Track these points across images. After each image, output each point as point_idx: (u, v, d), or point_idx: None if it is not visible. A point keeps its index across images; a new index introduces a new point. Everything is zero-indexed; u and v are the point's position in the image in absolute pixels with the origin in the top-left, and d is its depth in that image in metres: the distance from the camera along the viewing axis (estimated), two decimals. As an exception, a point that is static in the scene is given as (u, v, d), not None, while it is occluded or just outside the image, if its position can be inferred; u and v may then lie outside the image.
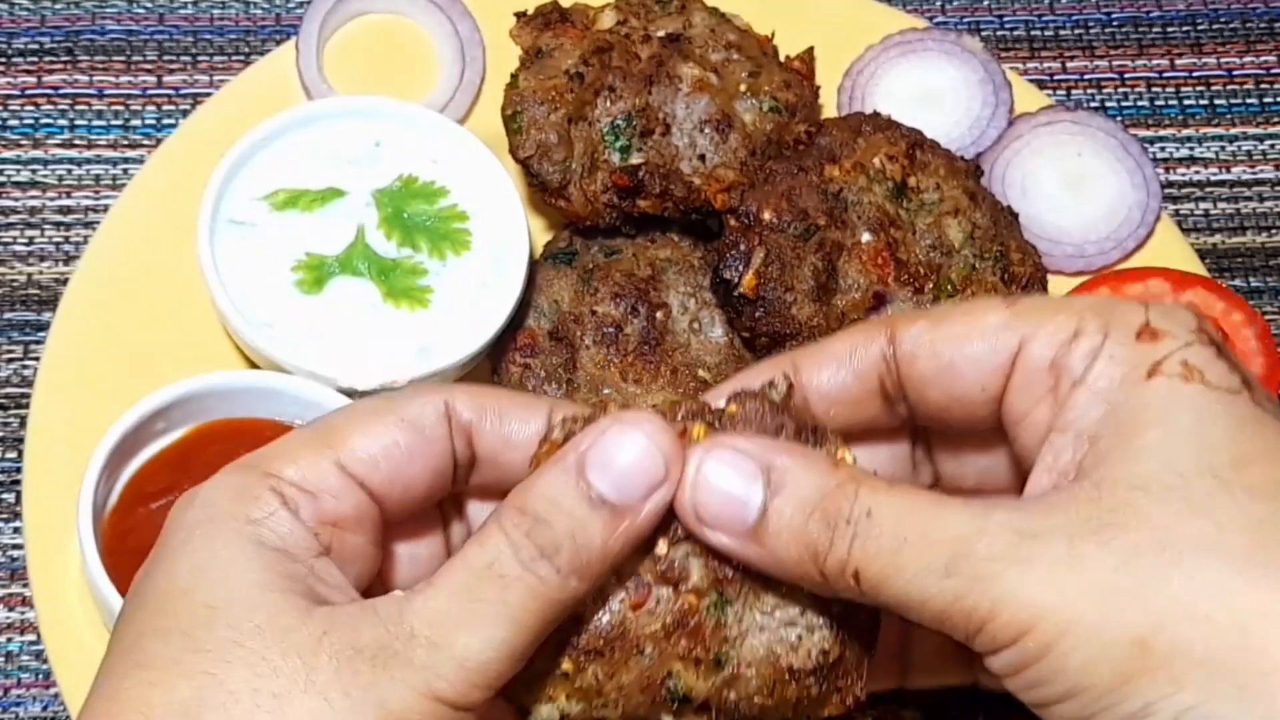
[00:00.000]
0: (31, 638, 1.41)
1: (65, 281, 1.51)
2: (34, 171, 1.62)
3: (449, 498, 0.89)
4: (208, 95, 1.61)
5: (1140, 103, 1.75)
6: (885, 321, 0.84)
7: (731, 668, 0.77)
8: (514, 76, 1.48)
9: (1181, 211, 1.69)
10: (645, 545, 0.78)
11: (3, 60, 1.68)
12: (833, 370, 0.84)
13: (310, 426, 0.84)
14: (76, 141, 1.64)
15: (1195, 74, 1.77)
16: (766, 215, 1.41)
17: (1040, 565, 0.71)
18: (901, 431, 0.89)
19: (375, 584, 0.85)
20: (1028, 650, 0.71)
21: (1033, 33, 1.79)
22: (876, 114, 1.53)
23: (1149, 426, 0.73)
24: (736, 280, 1.39)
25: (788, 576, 0.77)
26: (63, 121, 1.65)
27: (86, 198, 1.61)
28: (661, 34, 1.52)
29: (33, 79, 1.67)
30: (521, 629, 0.74)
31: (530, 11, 1.52)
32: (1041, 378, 0.78)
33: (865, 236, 1.43)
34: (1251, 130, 1.74)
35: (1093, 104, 1.74)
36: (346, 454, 0.80)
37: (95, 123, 1.66)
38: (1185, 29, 1.80)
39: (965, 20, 1.79)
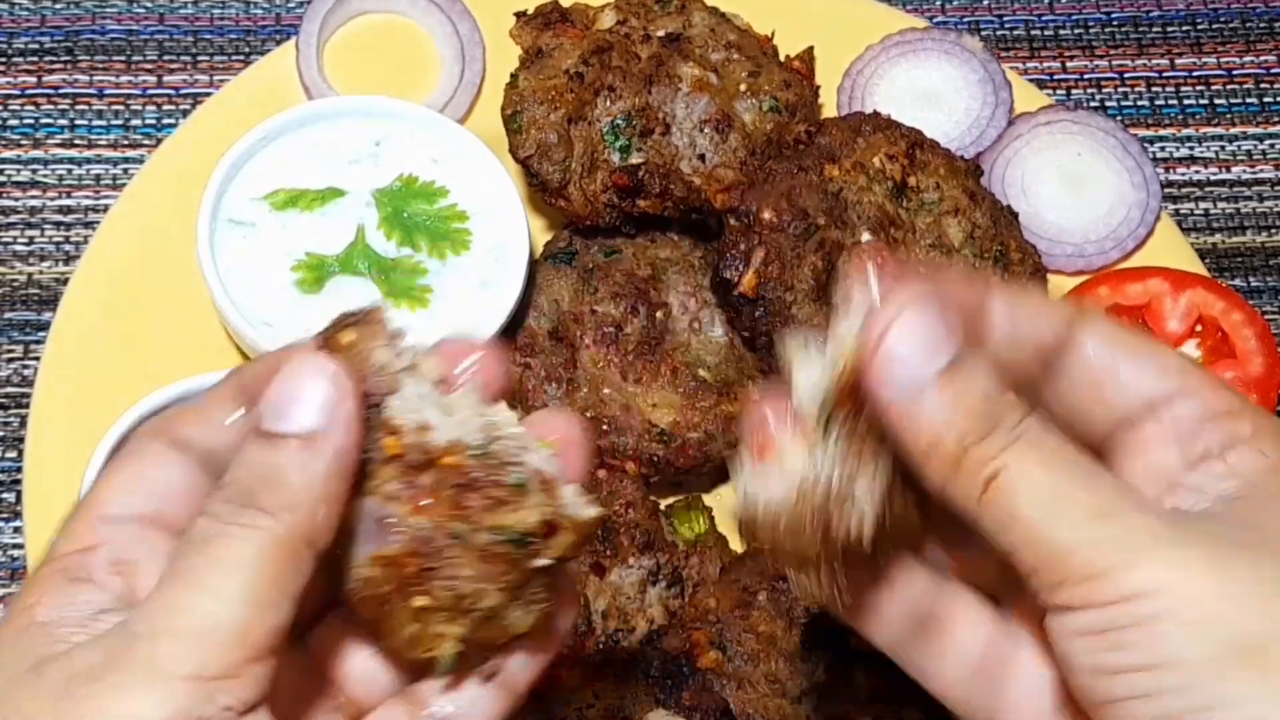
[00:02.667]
0: (32, 637, 1.41)
1: (65, 281, 1.51)
2: (34, 171, 1.62)
3: None
4: (208, 95, 1.61)
5: (1140, 102, 1.75)
6: (1077, 311, 0.84)
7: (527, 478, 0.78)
8: (514, 76, 1.48)
9: (1181, 211, 1.69)
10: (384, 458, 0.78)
11: (3, 60, 1.68)
12: (1018, 324, 0.83)
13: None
14: (77, 141, 1.64)
15: (1195, 74, 1.77)
16: (766, 215, 1.41)
17: (1189, 550, 0.73)
18: None
19: None
20: (1135, 612, 0.73)
21: (1032, 32, 1.79)
22: (876, 114, 1.53)
23: None
24: (736, 280, 1.39)
25: (914, 444, 0.77)
26: (63, 121, 1.65)
27: (87, 198, 1.61)
28: (661, 34, 1.52)
29: (33, 79, 1.67)
30: (251, 575, 0.73)
31: (530, 11, 1.52)
32: (1187, 429, 0.80)
33: (865, 236, 1.43)
34: (1251, 130, 1.74)
35: (1093, 103, 1.74)
36: (102, 507, 0.80)
37: (95, 122, 1.66)
38: (1185, 29, 1.80)
39: (965, 20, 1.79)
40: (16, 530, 1.44)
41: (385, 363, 0.78)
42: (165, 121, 1.65)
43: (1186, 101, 1.76)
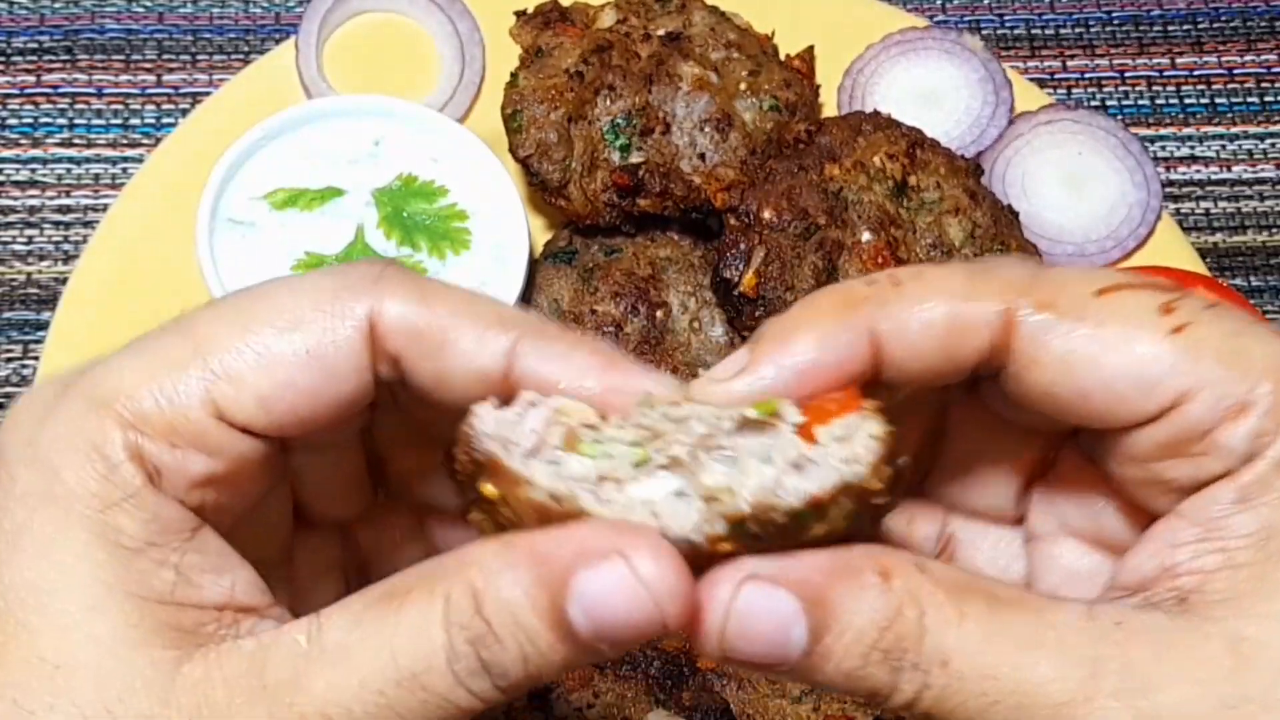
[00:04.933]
0: (31, 637, 1.41)
1: (65, 281, 1.51)
2: (33, 170, 1.62)
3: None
4: (207, 94, 1.61)
5: (1141, 101, 1.75)
6: (999, 289, 0.66)
7: None
8: (514, 75, 1.48)
9: (1182, 210, 1.69)
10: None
11: (2, 59, 1.67)
12: (921, 340, 0.66)
13: (178, 330, 0.64)
14: (76, 140, 1.64)
15: (1196, 73, 1.77)
16: (766, 214, 1.40)
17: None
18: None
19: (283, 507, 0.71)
20: None
21: (1033, 31, 1.79)
22: (877, 113, 1.53)
23: None
24: (736, 279, 1.39)
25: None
26: (62, 120, 1.65)
27: (86, 197, 1.61)
28: (661, 33, 1.51)
29: (32, 78, 1.67)
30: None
31: (530, 10, 1.52)
32: (1190, 440, 0.64)
33: (865, 235, 1.43)
34: (1252, 129, 1.74)
35: (1093, 103, 1.74)
36: (227, 397, 0.62)
37: (95, 122, 1.65)
38: (1186, 28, 1.80)
39: (965, 19, 1.79)
40: (15, 530, 1.44)
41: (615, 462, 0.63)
42: (164, 121, 1.65)
43: (1187, 101, 1.76)
